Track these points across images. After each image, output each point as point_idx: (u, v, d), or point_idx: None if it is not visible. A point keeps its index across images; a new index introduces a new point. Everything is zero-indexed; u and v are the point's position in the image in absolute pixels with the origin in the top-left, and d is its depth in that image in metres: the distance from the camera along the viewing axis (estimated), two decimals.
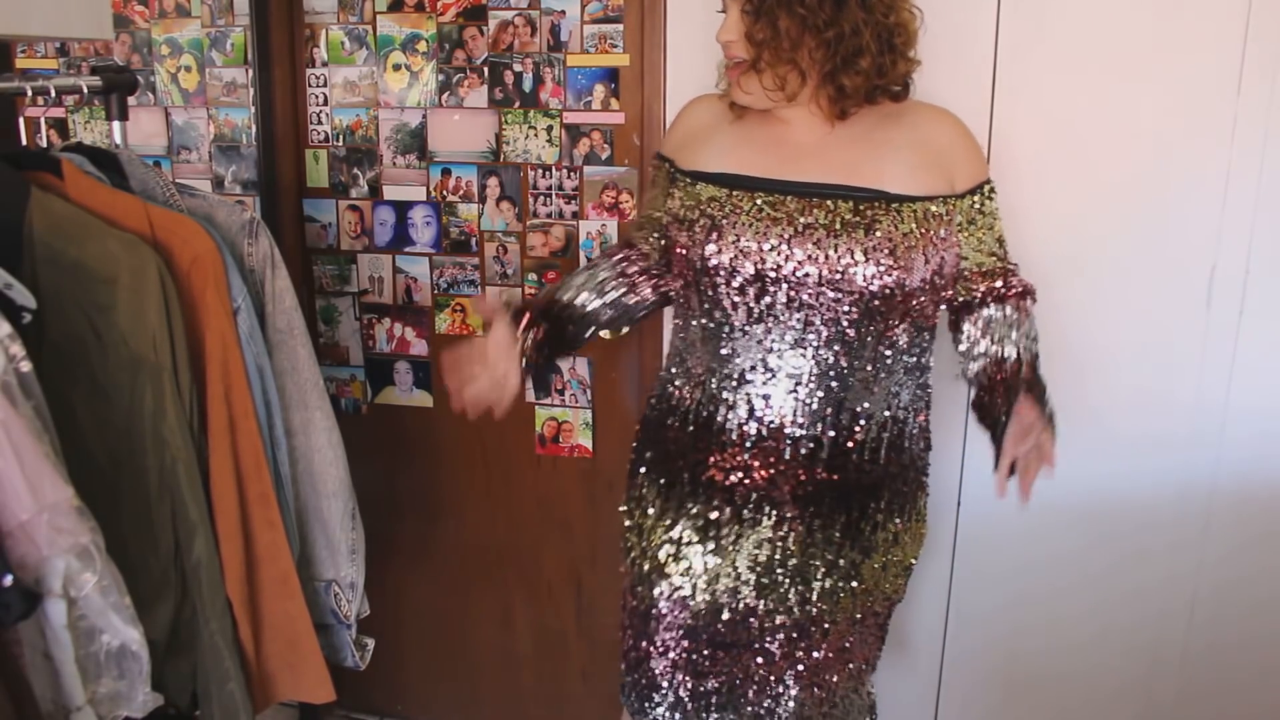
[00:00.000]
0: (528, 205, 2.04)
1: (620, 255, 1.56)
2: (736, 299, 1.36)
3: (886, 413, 1.41)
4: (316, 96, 2.09)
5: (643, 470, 1.52)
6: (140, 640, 1.28)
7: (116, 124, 1.57)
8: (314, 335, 2.10)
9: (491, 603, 2.25)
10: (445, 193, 2.08)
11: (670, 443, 1.47)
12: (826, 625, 1.46)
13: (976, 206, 1.43)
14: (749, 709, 1.48)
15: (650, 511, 1.49)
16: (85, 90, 1.51)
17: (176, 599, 1.44)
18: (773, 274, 1.34)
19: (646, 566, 1.49)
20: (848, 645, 1.50)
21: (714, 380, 1.41)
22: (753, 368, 1.38)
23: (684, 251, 1.40)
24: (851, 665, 1.53)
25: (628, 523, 1.53)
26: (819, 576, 1.43)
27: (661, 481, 1.48)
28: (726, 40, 1.34)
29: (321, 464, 1.60)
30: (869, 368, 1.37)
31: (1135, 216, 1.75)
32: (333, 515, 1.63)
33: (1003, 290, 1.45)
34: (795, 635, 1.45)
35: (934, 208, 1.37)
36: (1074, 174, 1.76)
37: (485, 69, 2.00)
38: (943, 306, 1.47)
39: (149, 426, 1.37)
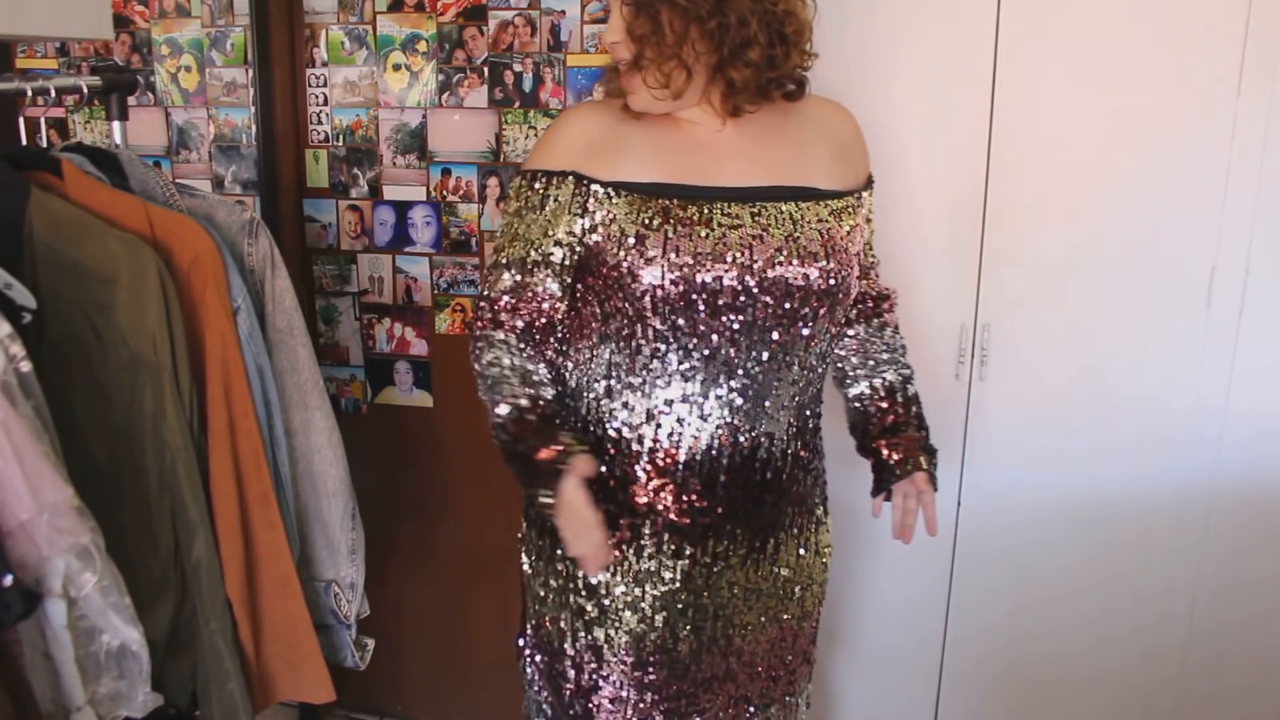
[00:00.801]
0: None
1: (519, 342, 1.32)
2: (715, 319, 1.25)
3: (808, 413, 1.39)
4: (316, 96, 2.09)
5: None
6: (140, 640, 1.28)
7: (116, 124, 1.57)
8: (314, 335, 2.10)
9: (491, 603, 2.25)
10: (445, 193, 2.07)
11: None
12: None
13: (870, 201, 1.40)
14: None
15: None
16: (85, 90, 1.51)
17: (176, 599, 1.44)
18: (755, 286, 1.24)
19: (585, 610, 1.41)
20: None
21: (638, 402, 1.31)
22: (683, 389, 1.28)
23: (614, 270, 1.25)
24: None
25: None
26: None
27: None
28: (610, 42, 1.27)
29: (321, 464, 1.60)
30: (809, 369, 1.33)
31: (1135, 216, 1.75)
32: (333, 515, 1.63)
33: (875, 300, 1.46)
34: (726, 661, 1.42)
35: (852, 201, 1.33)
36: (1074, 173, 1.76)
37: (485, 69, 2.00)
38: None
39: (149, 426, 1.37)
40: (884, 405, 1.43)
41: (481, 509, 2.20)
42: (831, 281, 1.27)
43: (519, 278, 1.30)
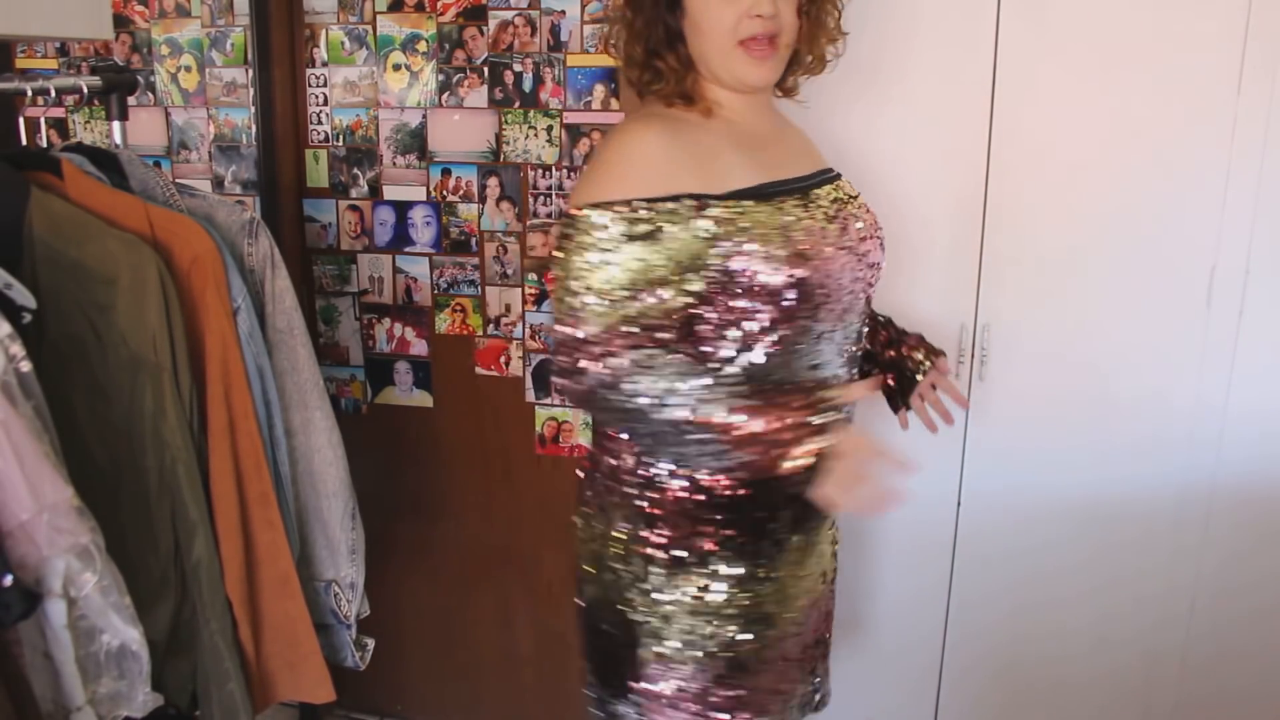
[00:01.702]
0: (528, 205, 2.04)
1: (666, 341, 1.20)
2: (834, 307, 1.24)
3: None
4: (316, 96, 2.09)
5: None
6: (140, 640, 1.28)
7: (116, 124, 1.57)
8: (314, 335, 2.10)
9: (491, 603, 2.25)
10: (445, 193, 2.07)
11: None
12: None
13: None
14: None
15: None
16: (85, 90, 1.51)
17: (176, 599, 1.44)
18: (859, 265, 1.27)
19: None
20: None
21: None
22: (831, 369, 1.28)
23: (752, 279, 1.18)
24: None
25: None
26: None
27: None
28: (769, 14, 1.22)
29: (321, 464, 1.60)
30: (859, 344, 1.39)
31: (1135, 216, 1.75)
32: (333, 515, 1.63)
33: None
34: None
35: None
36: (1074, 173, 1.76)
37: (485, 69, 2.00)
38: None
39: (149, 426, 1.37)
40: (874, 329, 1.50)
41: (481, 509, 2.20)
42: (883, 248, 1.35)
43: (649, 319, 1.18)
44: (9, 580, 1.12)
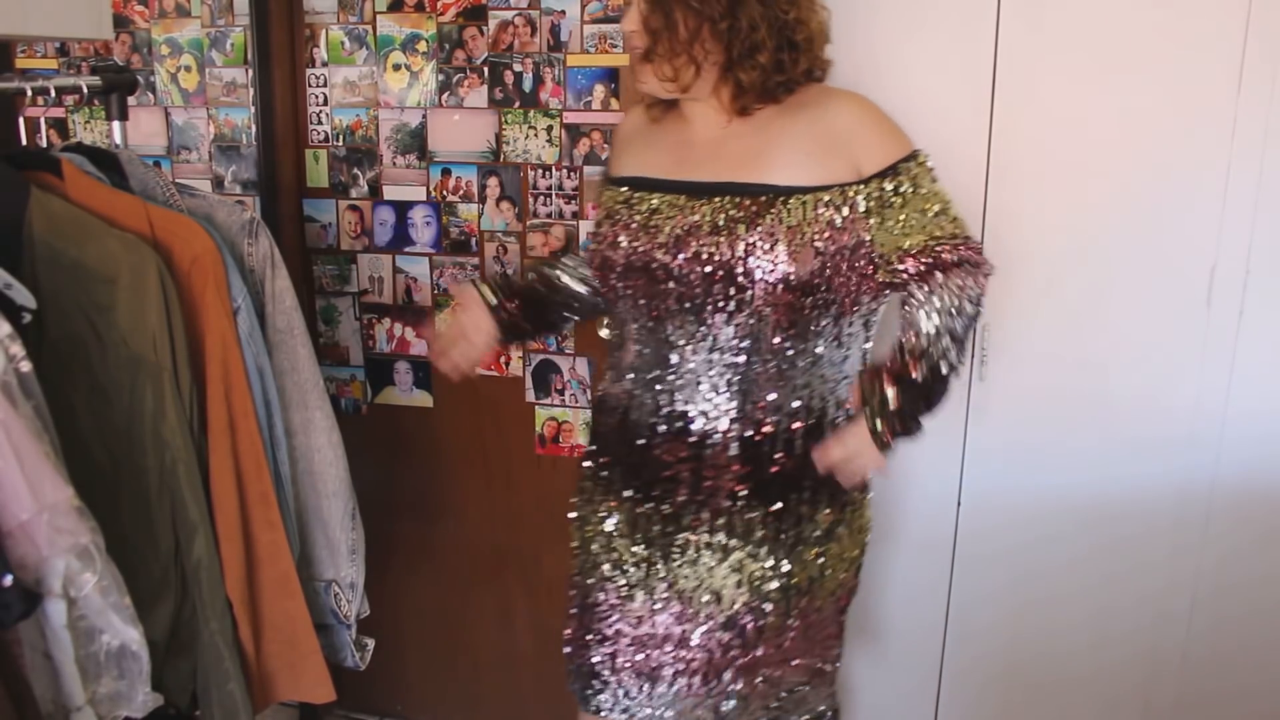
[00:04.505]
0: (528, 205, 2.04)
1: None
2: (635, 298, 1.40)
3: (797, 403, 1.39)
4: (316, 96, 2.09)
5: (585, 464, 1.56)
6: (140, 640, 1.28)
7: (116, 124, 1.57)
8: (314, 335, 2.10)
9: (491, 603, 2.25)
10: (445, 193, 2.07)
11: (602, 437, 1.52)
12: (761, 622, 1.44)
13: (891, 188, 1.37)
14: (689, 699, 1.47)
15: (589, 502, 1.53)
16: (85, 90, 1.51)
17: (176, 599, 1.44)
18: (661, 273, 1.36)
19: (585, 558, 1.53)
20: (786, 643, 1.47)
21: (630, 376, 1.44)
22: (659, 364, 1.40)
23: (591, 254, 1.46)
24: (798, 661, 1.51)
25: (572, 515, 1.57)
26: (743, 572, 1.42)
27: (602, 475, 1.51)
28: (627, 31, 1.35)
29: (321, 464, 1.60)
30: (770, 359, 1.37)
31: (1135, 216, 1.75)
32: (333, 515, 1.63)
33: (931, 264, 1.38)
34: (726, 632, 1.44)
35: (827, 197, 1.34)
36: (1074, 173, 1.76)
37: (485, 69, 2.00)
38: (885, 293, 1.43)
39: (149, 426, 1.37)
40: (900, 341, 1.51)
41: (481, 509, 2.20)
42: (774, 273, 1.33)
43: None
44: (9, 580, 1.12)
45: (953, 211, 1.40)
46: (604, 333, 2.02)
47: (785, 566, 1.43)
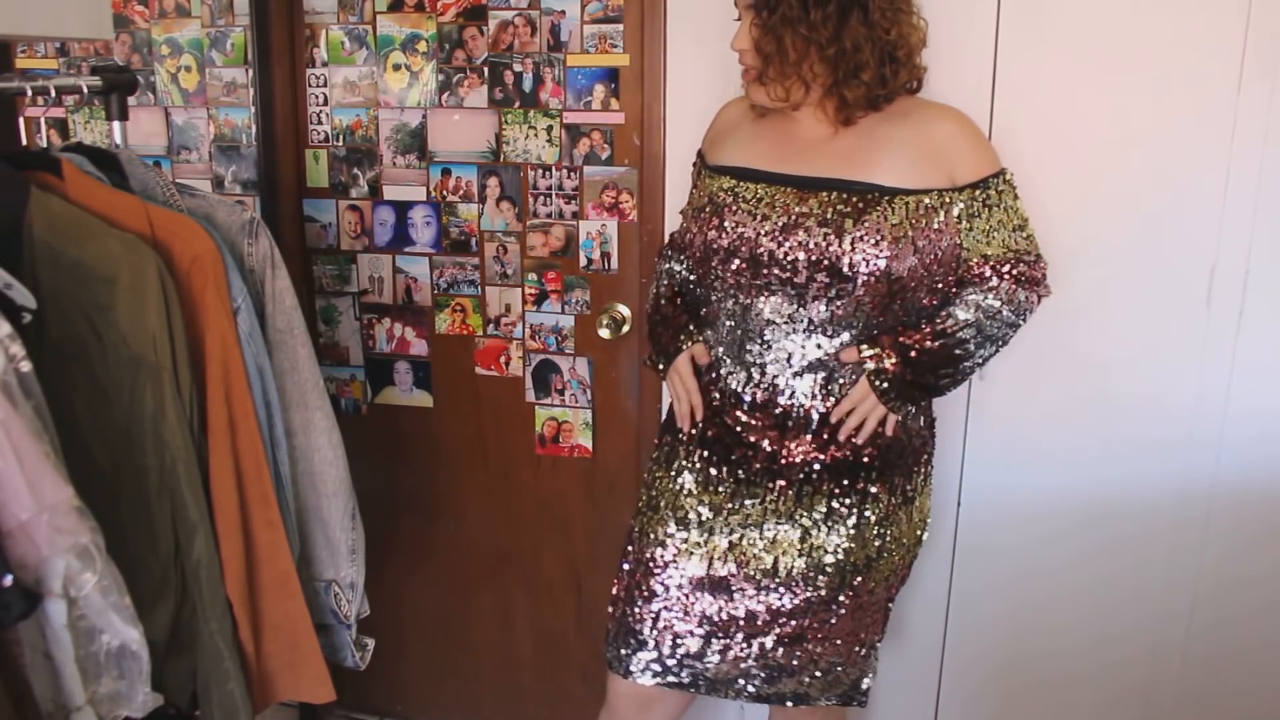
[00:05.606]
0: (528, 205, 2.04)
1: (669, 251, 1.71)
2: (737, 279, 1.47)
3: None
4: (316, 96, 2.09)
5: (666, 423, 1.66)
6: (140, 640, 1.28)
7: (116, 124, 1.57)
8: (314, 335, 2.10)
9: (491, 603, 2.25)
10: (445, 193, 2.08)
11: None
12: (812, 595, 1.51)
13: (980, 199, 1.47)
14: (724, 665, 1.55)
15: (664, 461, 1.62)
16: (85, 90, 1.51)
17: (176, 599, 1.44)
18: (765, 258, 1.43)
19: (649, 515, 1.60)
20: (834, 619, 1.53)
21: (720, 349, 1.54)
22: (753, 339, 1.48)
23: (693, 237, 1.53)
24: (840, 641, 1.55)
25: (645, 475, 1.67)
26: (805, 543, 1.50)
27: (682, 435, 1.60)
28: (739, 49, 1.44)
29: (321, 464, 1.60)
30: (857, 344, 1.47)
31: (1135, 216, 1.75)
32: (333, 515, 1.63)
33: (1003, 272, 1.51)
34: (777, 599, 1.51)
35: (927, 200, 1.44)
36: (1074, 173, 1.76)
37: (485, 69, 2.00)
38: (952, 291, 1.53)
39: (149, 426, 1.37)
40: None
41: (481, 509, 2.20)
42: (873, 267, 1.41)
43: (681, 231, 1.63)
44: (9, 580, 1.12)
45: (1029, 229, 1.54)
46: (604, 333, 2.02)
47: (846, 544, 1.50)
